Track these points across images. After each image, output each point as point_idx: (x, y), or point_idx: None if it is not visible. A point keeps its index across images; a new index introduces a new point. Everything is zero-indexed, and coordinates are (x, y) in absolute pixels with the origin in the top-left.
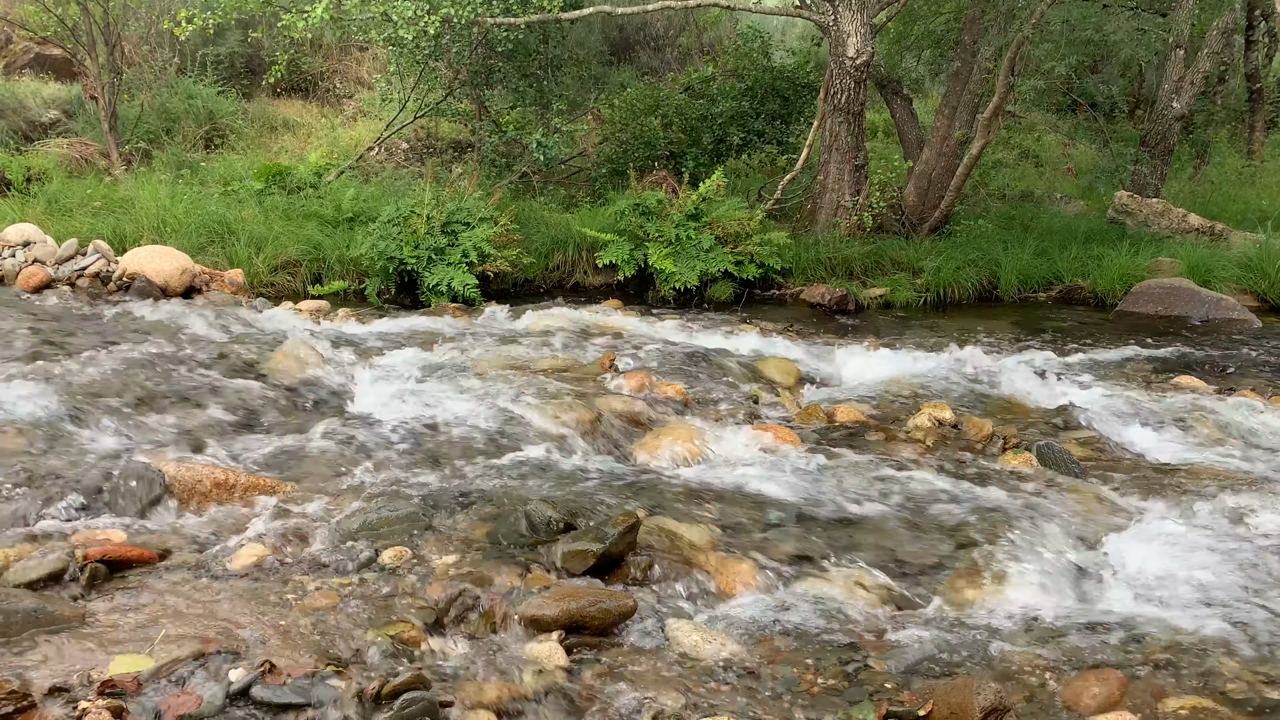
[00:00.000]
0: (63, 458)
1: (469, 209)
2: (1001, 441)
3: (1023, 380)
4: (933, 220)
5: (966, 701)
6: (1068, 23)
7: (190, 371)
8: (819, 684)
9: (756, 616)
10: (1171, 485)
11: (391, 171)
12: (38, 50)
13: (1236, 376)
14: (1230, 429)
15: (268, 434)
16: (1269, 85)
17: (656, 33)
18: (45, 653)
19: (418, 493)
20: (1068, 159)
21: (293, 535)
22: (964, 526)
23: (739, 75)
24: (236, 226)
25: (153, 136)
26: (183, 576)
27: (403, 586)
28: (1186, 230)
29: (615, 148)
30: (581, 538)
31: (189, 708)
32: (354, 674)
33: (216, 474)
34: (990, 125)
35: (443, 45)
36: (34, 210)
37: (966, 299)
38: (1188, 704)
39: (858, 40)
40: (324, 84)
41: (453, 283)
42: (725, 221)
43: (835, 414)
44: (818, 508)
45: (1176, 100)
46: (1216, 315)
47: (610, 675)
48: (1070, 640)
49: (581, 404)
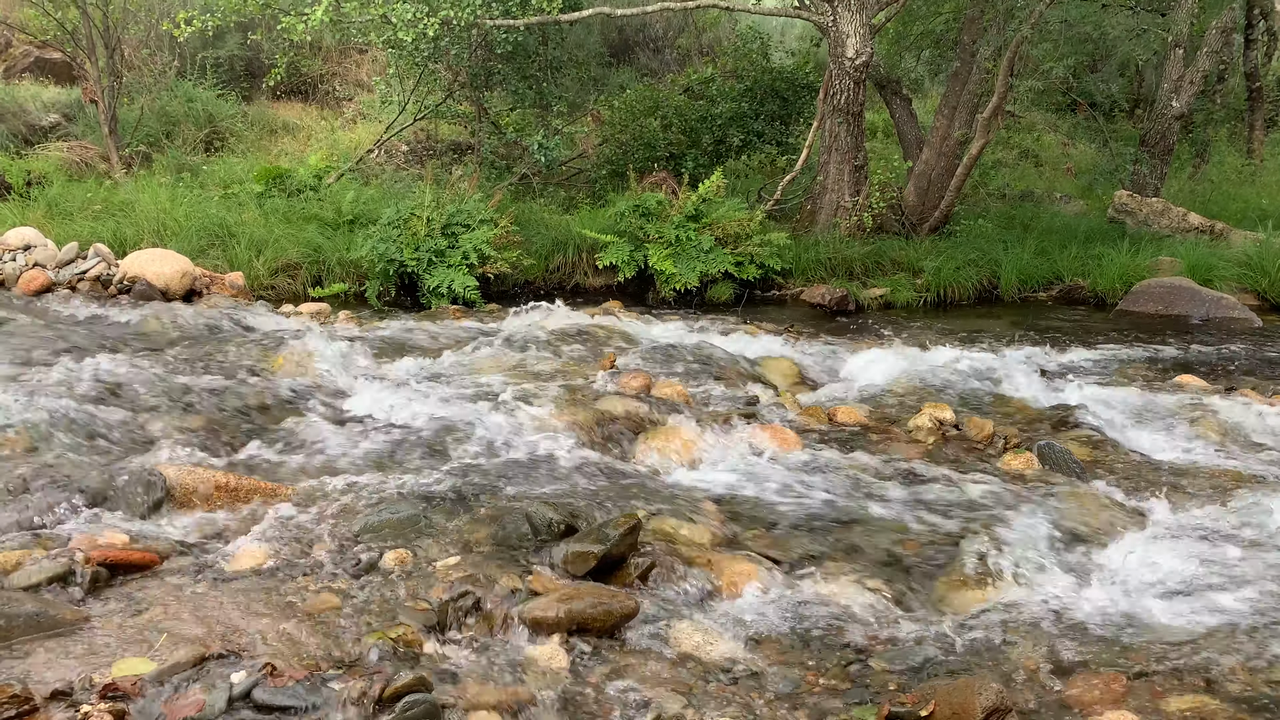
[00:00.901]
0: (64, 461)
1: (469, 211)
2: (1002, 441)
3: (1023, 380)
4: (933, 220)
5: (968, 702)
6: (1066, 22)
7: (191, 374)
8: (821, 684)
9: (758, 617)
10: (1173, 485)
11: (391, 174)
12: (38, 54)
13: (1237, 375)
14: (1231, 428)
15: (268, 437)
16: (1268, 84)
17: (656, 34)
18: (47, 656)
19: (418, 495)
20: (1067, 158)
21: (294, 538)
22: (965, 527)
23: (738, 76)
24: (237, 229)
25: (153, 140)
26: (184, 580)
27: (404, 589)
28: (1186, 229)
29: (615, 149)
30: (583, 539)
31: (191, 711)
32: (356, 676)
33: (218, 477)
34: (990, 125)
35: (442, 47)
36: (34, 214)
37: (967, 299)
38: (1189, 703)
39: (857, 41)
40: (324, 86)
41: (453, 285)
42: (725, 222)
43: (836, 414)
44: (818, 508)
45: (1176, 99)
46: (1217, 314)
47: (612, 676)
48: (1072, 640)
49: (582, 405)
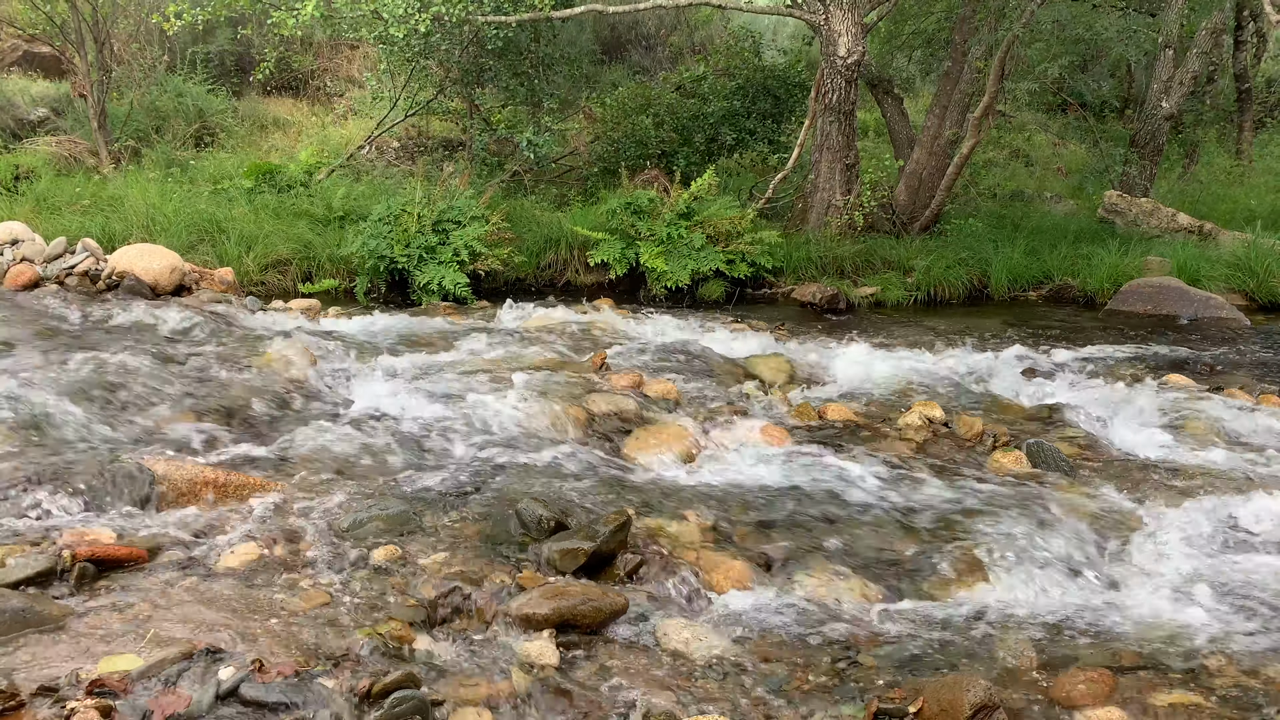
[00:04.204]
0: (51, 457)
1: (460, 208)
2: (992, 440)
3: (1013, 379)
4: (923, 219)
5: (956, 698)
6: (1058, 22)
7: (180, 370)
8: (810, 681)
9: (747, 614)
10: (1160, 483)
11: (382, 170)
12: (26, 48)
13: (1225, 375)
14: (1218, 427)
15: (257, 433)
16: (1257, 85)
17: (648, 31)
18: (33, 652)
19: (408, 491)
20: (1058, 158)
21: (283, 534)
22: (954, 524)
23: (730, 74)
24: (226, 225)
25: (142, 134)
26: (172, 575)
27: (393, 585)
28: (1176, 229)
29: (607, 146)
30: (573, 536)
31: (178, 707)
32: (345, 672)
33: (206, 473)
34: (981, 125)
35: (434, 43)
36: (22, 208)
37: (957, 298)
38: (1176, 699)
39: (849, 40)
40: (314, 82)
41: (444, 281)
42: (717, 220)
43: (826, 412)
44: (808, 506)
45: (1166, 100)
46: (1205, 314)
47: (601, 673)
48: (1059, 637)
49: (572, 402)
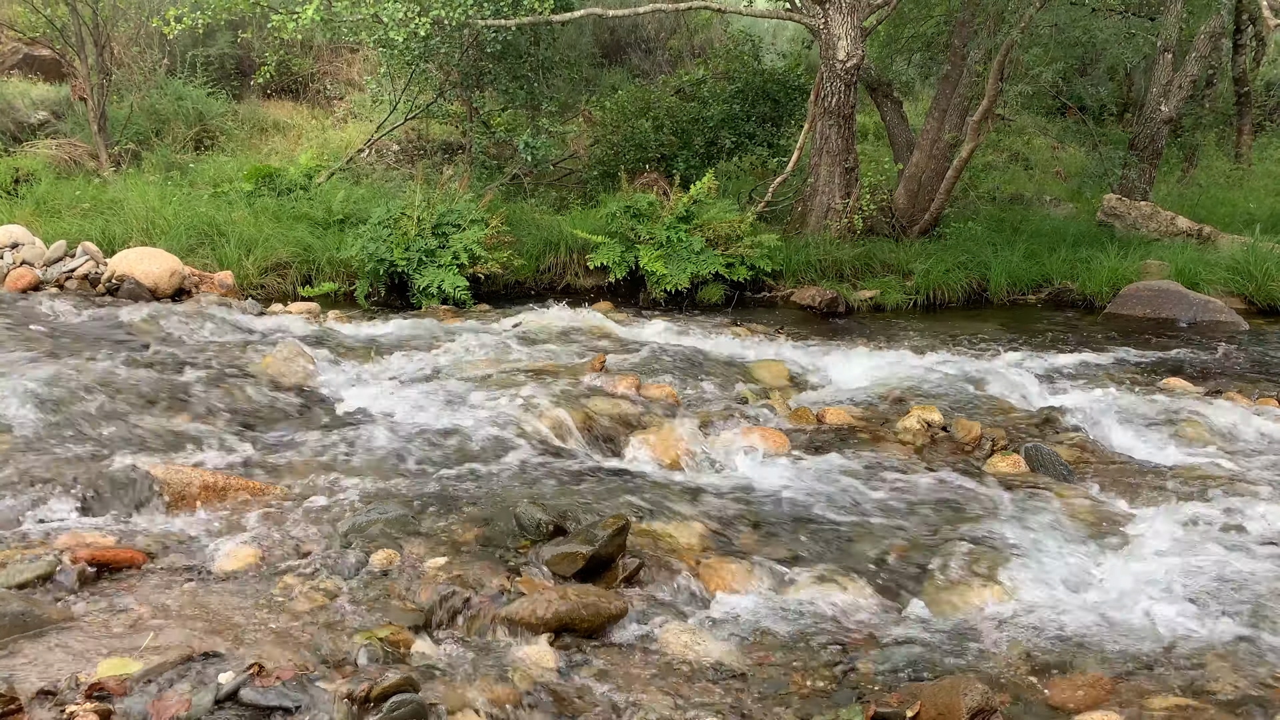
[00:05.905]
0: (51, 460)
1: (460, 211)
2: (990, 443)
3: (1012, 382)
4: (923, 223)
5: (954, 702)
6: (1056, 26)
7: (179, 374)
8: (807, 685)
9: (745, 618)
10: (1159, 487)
11: (382, 173)
12: (26, 51)
13: (1224, 378)
14: (1217, 431)
15: (256, 436)
16: (1256, 89)
17: (647, 35)
18: (32, 656)
19: (407, 495)
20: (1057, 162)
21: (281, 538)
22: (952, 529)
23: (730, 78)
24: (226, 228)
25: (142, 138)
26: (171, 579)
27: (392, 589)
28: (1175, 233)
29: (606, 150)
30: (571, 540)
31: (177, 711)
32: (343, 676)
33: (205, 476)
34: (980, 128)
35: (433, 47)
36: (22, 212)
37: (956, 301)
38: (1173, 703)
39: (848, 43)
40: (314, 85)
41: (443, 285)
42: (716, 224)
43: (825, 416)
44: (806, 510)
45: (1165, 104)
46: (1204, 317)
47: (600, 677)
48: (1057, 641)
49: (571, 406)
